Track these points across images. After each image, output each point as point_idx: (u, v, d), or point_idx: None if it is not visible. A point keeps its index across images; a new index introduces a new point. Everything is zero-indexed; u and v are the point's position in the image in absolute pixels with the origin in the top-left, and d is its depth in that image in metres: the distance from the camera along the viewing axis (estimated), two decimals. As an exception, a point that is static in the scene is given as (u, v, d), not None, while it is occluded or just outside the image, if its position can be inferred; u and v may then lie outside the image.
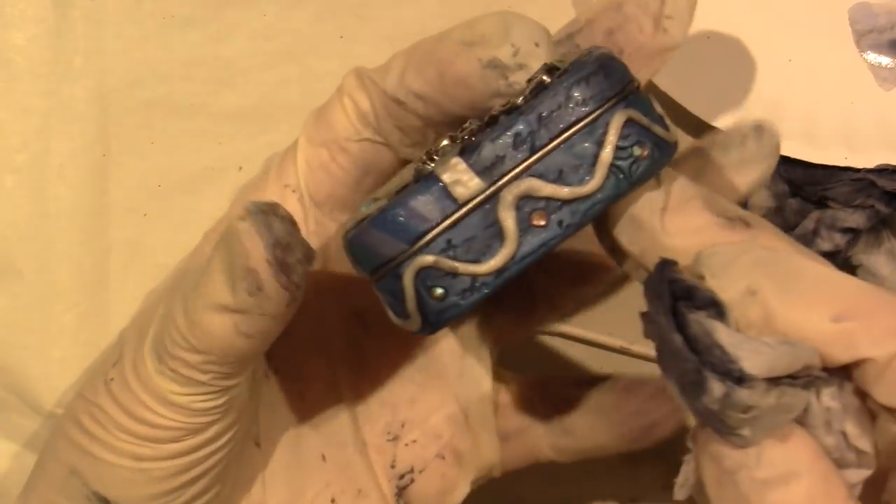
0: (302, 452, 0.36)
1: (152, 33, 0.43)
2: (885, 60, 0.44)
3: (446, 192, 0.28)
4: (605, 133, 0.28)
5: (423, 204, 0.28)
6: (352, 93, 0.33)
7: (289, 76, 0.44)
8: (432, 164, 0.29)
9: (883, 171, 0.43)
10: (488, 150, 0.28)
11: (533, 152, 0.28)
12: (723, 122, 0.44)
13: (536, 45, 0.31)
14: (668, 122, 0.29)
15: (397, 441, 0.37)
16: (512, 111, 0.29)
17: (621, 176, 0.28)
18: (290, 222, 0.30)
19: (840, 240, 0.43)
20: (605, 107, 0.28)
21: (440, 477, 0.37)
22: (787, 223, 0.43)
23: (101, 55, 0.42)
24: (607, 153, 0.28)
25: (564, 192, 0.28)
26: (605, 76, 0.28)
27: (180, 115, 0.43)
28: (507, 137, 0.28)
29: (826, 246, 0.43)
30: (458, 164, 0.28)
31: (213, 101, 0.43)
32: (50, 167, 0.42)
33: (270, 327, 0.30)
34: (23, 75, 0.42)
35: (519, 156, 0.28)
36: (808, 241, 0.43)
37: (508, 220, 0.28)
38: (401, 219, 0.28)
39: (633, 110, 0.29)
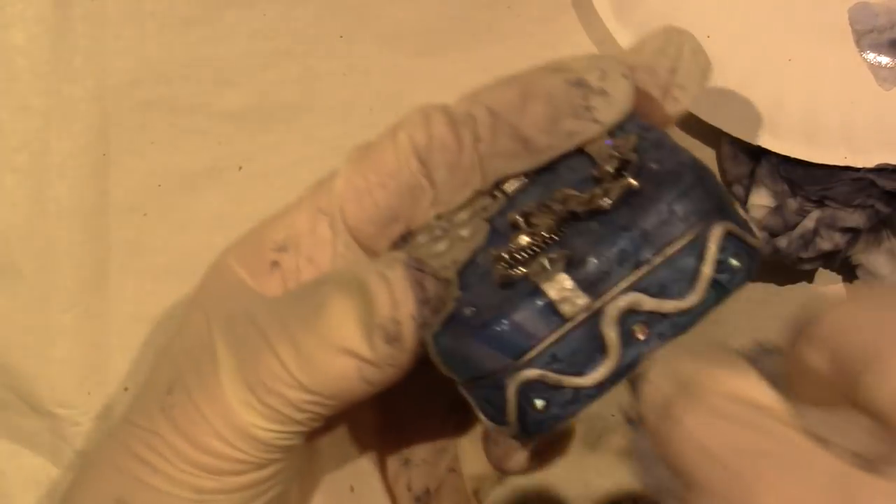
0: (332, 483, 0.36)
1: (152, 33, 0.43)
2: (885, 60, 0.44)
3: (553, 309, 0.28)
4: (705, 248, 0.28)
5: (530, 319, 0.28)
6: (408, 126, 0.32)
7: (289, 76, 0.44)
8: (521, 270, 0.29)
9: (883, 170, 0.43)
10: (594, 267, 0.28)
11: (637, 267, 0.28)
12: (723, 122, 0.44)
13: (624, 76, 0.31)
14: (752, 225, 0.30)
15: (409, 464, 0.37)
16: (599, 214, 0.29)
17: (720, 288, 0.29)
18: (444, 284, 0.30)
19: (840, 239, 0.43)
20: (706, 221, 0.28)
21: (455, 491, 0.37)
22: (787, 223, 0.43)
23: (101, 55, 0.42)
24: (708, 268, 0.28)
25: (667, 306, 0.29)
26: (703, 189, 0.28)
27: (180, 115, 0.43)
28: (612, 253, 0.28)
29: (826, 246, 0.43)
30: (565, 280, 0.28)
31: (213, 101, 0.43)
32: (50, 167, 0.42)
33: (392, 378, 0.30)
34: (23, 75, 0.42)
35: (623, 272, 0.28)
36: (808, 240, 0.43)
37: (612, 334, 0.28)
38: (507, 334, 0.28)
39: (730, 222, 0.29)
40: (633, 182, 0.29)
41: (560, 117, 0.31)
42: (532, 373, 0.28)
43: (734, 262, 0.29)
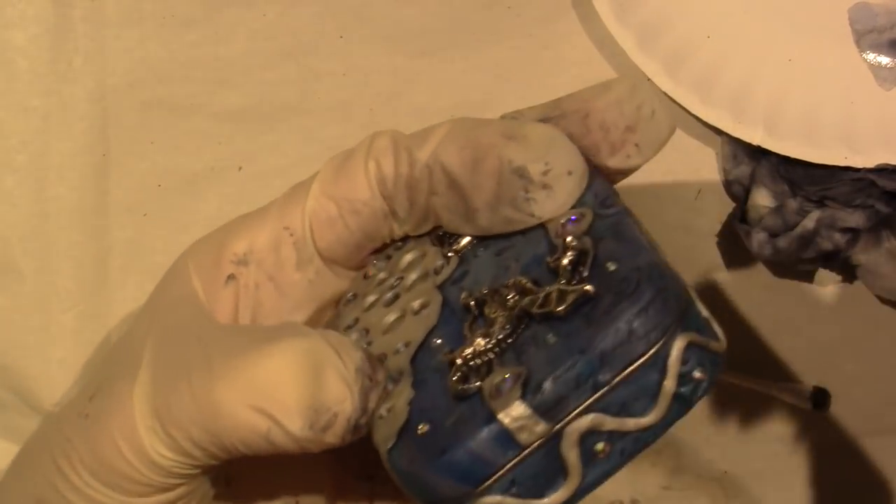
0: (274, 491, 0.36)
1: (152, 33, 0.43)
2: (885, 60, 0.44)
3: (510, 437, 0.27)
4: (666, 363, 0.27)
5: (487, 447, 0.27)
6: (379, 156, 0.32)
7: (289, 76, 0.44)
8: (476, 384, 0.28)
9: (883, 170, 0.43)
10: (550, 392, 0.27)
11: (596, 390, 0.27)
12: (723, 122, 0.44)
13: (569, 173, 0.30)
14: (715, 326, 0.29)
15: (373, 479, 0.37)
16: (554, 319, 0.28)
17: (683, 401, 0.28)
18: (396, 376, 0.30)
19: (840, 239, 0.43)
20: (667, 335, 0.27)
21: None
22: (787, 223, 0.43)
23: (101, 55, 0.42)
24: (670, 383, 0.27)
25: (629, 424, 0.28)
26: (663, 301, 0.27)
27: (180, 115, 0.43)
28: (570, 377, 0.27)
29: (826, 246, 0.43)
30: (520, 406, 0.27)
31: (213, 101, 0.43)
32: (50, 167, 0.42)
33: (296, 452, 0.30)
34: (23, 75, 0.42)
35: (582, 395, 0.27)
36: (808, 240, 0.43)
37: (572, 456, 0.28)
38: (464, 463, 0.28)
39: (692, 332, 0.28)
40: (590, 289, 0.28)
41: (501, 202, 0.30)
42: (491, 499, 0.28)
43: (697, 373, 0.28)
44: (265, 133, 0.43)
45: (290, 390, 0.29)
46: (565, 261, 0.29)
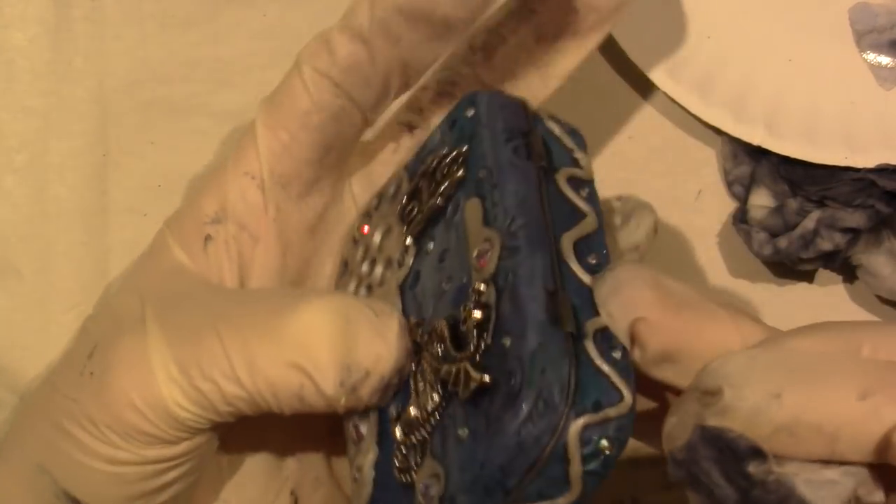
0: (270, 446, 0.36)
1: (152, 33, 0.43)
2: (885, 60, 0.44)
3: None
4: (566, 453, 0.27)
5: None
6: (310, 59, 0.32)
7: (289, 76, 0.44)
8: (413, 474, 0.29)
9: (883, 170, 0.43)
10: (464, 501, 0.27)
11: (508, 494, 0.27)
12: (723, 122, 0.44)
13: None
14: (617, 379, 0.27)
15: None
16: (464, 402, 0.28)
17: (596, 475, 0.27)
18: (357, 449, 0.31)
19: (840, 240, 0.43)
20: (557, 433, 0.27)
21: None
22: (787, 223, 0.43)
23: (101, 55, 0.42)
24: (576, 468, 0.27)
25: None
26: (545, 405, 0.26)
27: (180, 115, 0.43)
28: (478, 488, 0.27)
29: (826, 246, 0.43)
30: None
31: (213, 101, 0.43)
32: (50, 167, 0.42)
33: (326, 410, 0.30)
34: (23, 75, 0.42)
35: (497, 499, 0.27)
36: (808, 240, 0.43)
37: None
38: None
39: (586, 414, 0.27)
40: (487, 381, 0.27)
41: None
42: None
43: (603, 444, 0.27)
44: (265, 133, 0.43)
45: (324, 346, 0.29)
46: (473, 320, 0.28)
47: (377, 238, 0.33)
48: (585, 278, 0.28)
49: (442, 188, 0.31)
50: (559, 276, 0.28)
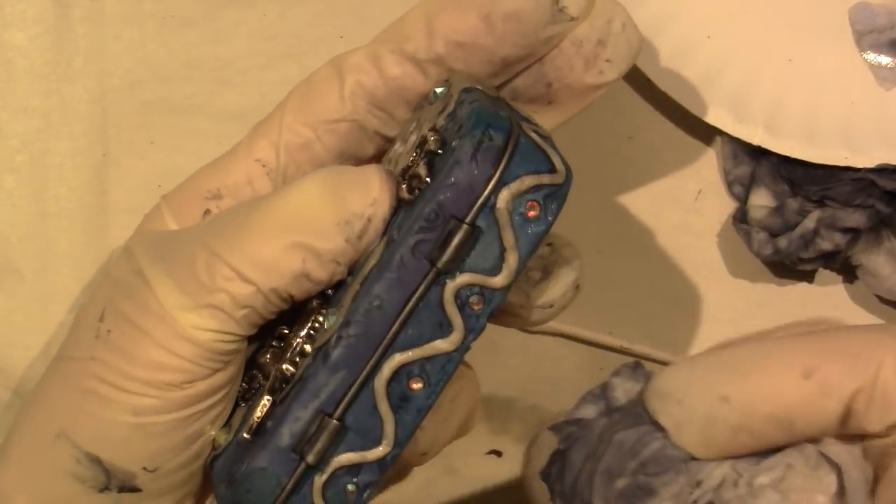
0: None
1: (152, 33, 0.43)
2: (885, 60, 0.44)
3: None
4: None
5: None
6: (355, 71, 0.33)
7: (289, 76, 0.44)
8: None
9: (883, 170, 0.43)
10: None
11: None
12: (723, 122, 0.44)
13: None
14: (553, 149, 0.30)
15: None
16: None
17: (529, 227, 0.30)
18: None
19: (840, 239, 0.43)
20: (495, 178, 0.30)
21: None
22: (787, 223, 0.43)
23: (101, 55, 0.42)
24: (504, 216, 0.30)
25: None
26: (488, 147, 0.30)
27: (180, 115, 0.43)
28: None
29: (826, 245, 0.43)
30: None
31: (213, 101, 0.43)
32: (50, 167, 0.42)
33: (329, 279, 0.31)
34: (23, 75, 0.42)
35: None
36: (808, 240, 0.43)
37: (452, 309, 0.30)
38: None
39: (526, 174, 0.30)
40: (437, 148, 0.30)
41: (536, 28, 0.31)
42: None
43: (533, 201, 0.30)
44: (265, 133, 0.43)
45: (319, 213, 0.30)
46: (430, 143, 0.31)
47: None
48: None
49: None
50: None
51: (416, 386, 0.31)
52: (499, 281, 0.30)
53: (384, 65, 0.33)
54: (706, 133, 0.45)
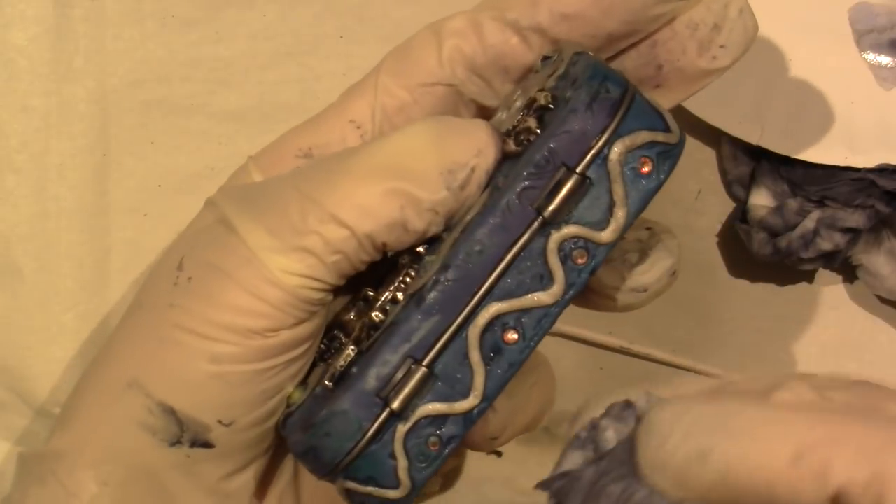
0: None
1: (152, 33, 0.43)
2: (885, 60, 0.44)
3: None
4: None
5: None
6: (454, 36, 0.32)
7: (289, 76, 0.44)
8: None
9: (883, 170, 0.43)
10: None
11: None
12: (723, 122, 0.44)
13: None
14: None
15: None
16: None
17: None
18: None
19: (840, 239, 0.43)
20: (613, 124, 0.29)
21: None
22: (787, 223, 0.43)
23: (101, 55, 0.42)
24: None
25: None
26: (603, 98, 0.29)
27: (180, 115, 0.43)
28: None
29: (826, 245, 0.43)
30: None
31: (213, 101, 0.43)
32: (50, 167, 0.42)
33: (421, 235, 0.30)
34: (23, 75, 0.42)
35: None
36: (808, 240, 0.43)
37: (553, 261, 0.30)
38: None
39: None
40: (549, 101, 0.30)
41: (644, 5, 0.31)
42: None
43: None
44: (265, 133, 0.43)
45: (422, 160, 0.29)
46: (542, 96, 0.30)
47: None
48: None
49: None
50: None
51: (511, 337, 0.30)
52: (605, 236, 0.29)
53: (485, 31, 0.32)
54: (706, 133, 0.45)
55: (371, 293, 0.31)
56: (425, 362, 0.29)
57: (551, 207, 0.29)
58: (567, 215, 0.29)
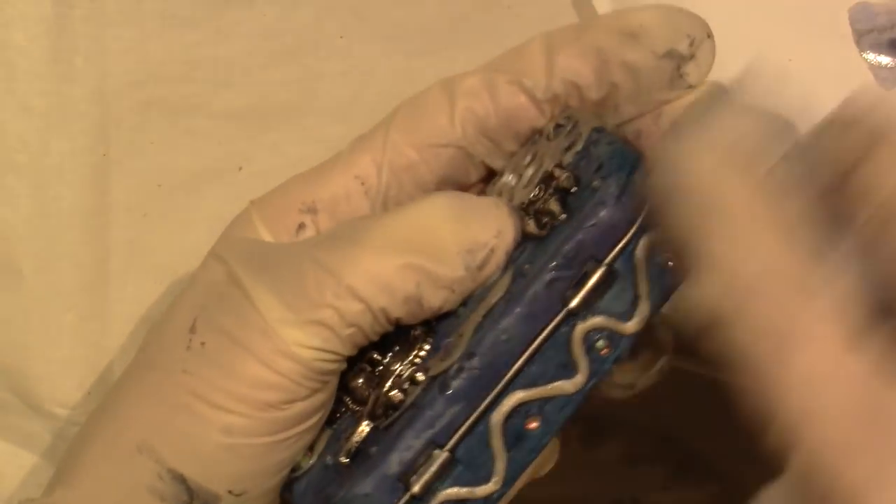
0: None
1: (152, 33, 0.43)
2: (885, 60, 0.44)
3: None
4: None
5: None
6: (468, 96, 0.32)
7: (289, 76, 0.44)
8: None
9: (883, 170, 0.43)
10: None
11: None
12: (723, 121, 0.44)
13: (708, 36, 0.31)
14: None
15: None
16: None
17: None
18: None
19: (840, 240, 0.43)
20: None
21: None
22: (787, 223, 0.43)
23: (101, 55, 0.42)
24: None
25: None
26: (629, 190, 0.29)
27: (180, 115, 0.43)
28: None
29: (826, 246, 0.43)
30: None
31: (213, 101, 0.43)
32: (50, 167, 0.42)
33: (440, 306, 0.30)
34: (23, 75, 0.42)
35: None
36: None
37: (578, 350, 0.30)
38: None
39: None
40: (572, 184, 0.30)
41: (650, 89, 0.31)
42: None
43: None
44: (265, 133, 0.43)
45: (443, 237, 0.29)
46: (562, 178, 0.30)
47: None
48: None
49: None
50: None
51: (533, 425, 0.30)
52: (630, 327, 0.30)
53: (499, 94, 0.32)
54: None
55: (377, 356, 0.31)
56: (448, 447, 0.29)
57: (578, 299, 0.29)
58: (592, 306, 0.29)
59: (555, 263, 0.29)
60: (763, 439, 0.24)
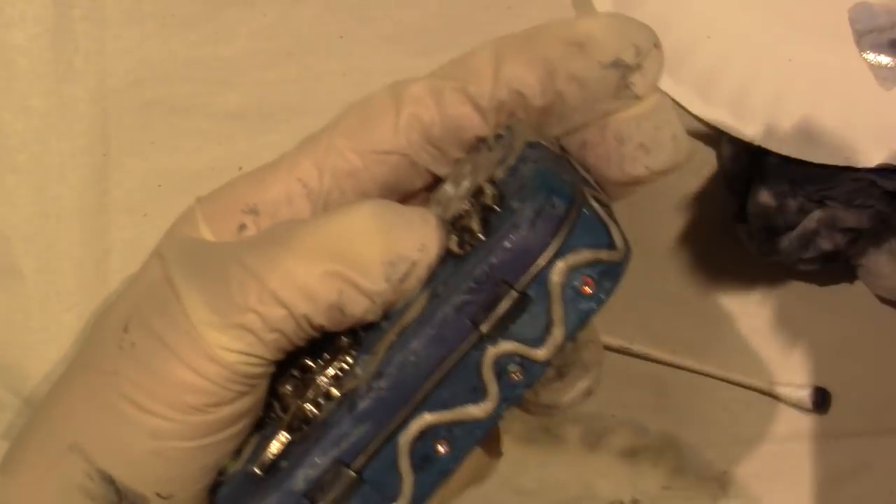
0: None
1: (152, 33, 0.43)
2: (885, 60, 0.44)
3: None
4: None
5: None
6: (413, 104, 0.32)
7: (289, 76, 0.44)
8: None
9: (883, 170, 0.43)
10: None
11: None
12: (723, 122, 0.44)
13: (655, 45, 0.30)
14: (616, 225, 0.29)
15: None
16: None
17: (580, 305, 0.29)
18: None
19: (841, 240, 0.43)
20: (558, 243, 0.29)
21: None
22: (787, 223, 0.43)
23: (101, 55, 0.43)
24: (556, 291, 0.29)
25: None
26: (548, 213, 0.29)
27: (180, 115, 0.43)
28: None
29: (827, 245, 0.43)
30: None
31: (213, 101, 0.43)
32: (50, 167, 0.42)
33: (362, 316, 0.30)
34: (23, 75, 0.42)
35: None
36: (808, 240, 0.43)
37: (489, 375, 0.29)
38: None
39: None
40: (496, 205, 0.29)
41: (597, 99, 0.30)
42: None
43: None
44: (265, 133, 0.43)
45: (365, 247, 0.29)
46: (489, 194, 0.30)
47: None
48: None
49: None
50: None
51: (442, 449, 0.29)
52: (541, 354, 0.29)
53: (445, 102, 0.32)
54: (706, 133, 0.45)
55: (308, 362, 0.31)
56: (354, 467, 0.29)
57: (488, 323, 0.29)
58: (504, 331, 0.29)
59: (467, 287, 0.29)
60: None
